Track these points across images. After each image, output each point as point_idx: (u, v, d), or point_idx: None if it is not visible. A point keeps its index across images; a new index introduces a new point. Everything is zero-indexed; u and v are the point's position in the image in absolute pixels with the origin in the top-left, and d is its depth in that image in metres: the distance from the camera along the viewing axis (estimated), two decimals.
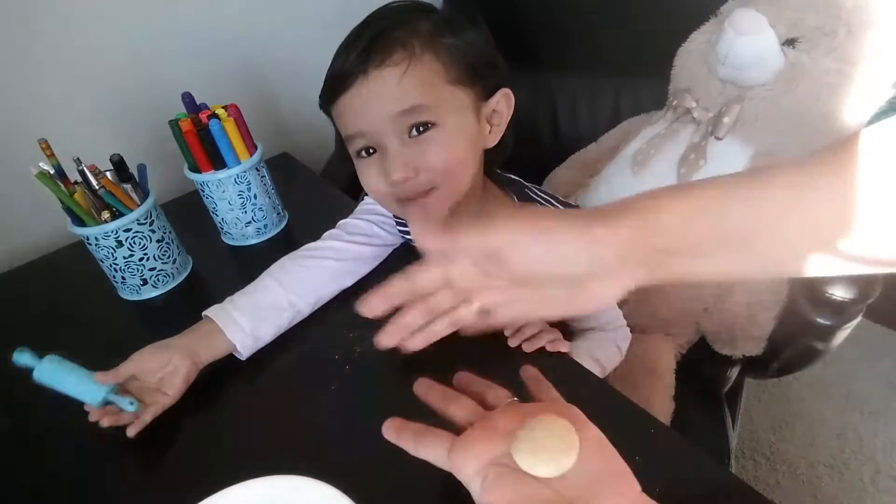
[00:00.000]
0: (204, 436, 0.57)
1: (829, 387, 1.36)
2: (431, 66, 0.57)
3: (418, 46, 0.56)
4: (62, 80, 0.86)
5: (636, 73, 1.11)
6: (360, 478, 0.42)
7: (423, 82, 0.56)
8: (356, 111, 0.58)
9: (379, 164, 0.59)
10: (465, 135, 0.59)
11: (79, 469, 0.56)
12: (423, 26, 0.58)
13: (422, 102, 0.56)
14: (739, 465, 1.22)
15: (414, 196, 0.59)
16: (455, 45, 0.58)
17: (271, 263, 0.80)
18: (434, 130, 0.57)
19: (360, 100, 0.57)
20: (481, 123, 0.61)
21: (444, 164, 0.58)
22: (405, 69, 0.55)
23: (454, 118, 0.58)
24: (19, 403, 0.64)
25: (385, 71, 0.55)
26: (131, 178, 0.72)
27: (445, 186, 0.60)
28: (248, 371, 0.64)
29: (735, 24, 0.81)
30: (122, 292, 0.77)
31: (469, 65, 0.59)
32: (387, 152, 0.58)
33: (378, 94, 0.56)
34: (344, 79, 0.57)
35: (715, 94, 0.90)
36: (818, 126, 0.83)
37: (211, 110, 0.77)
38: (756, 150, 0.89)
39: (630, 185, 0.93)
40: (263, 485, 0.43)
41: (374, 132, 0.57)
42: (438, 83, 0.57)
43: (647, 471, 0.47)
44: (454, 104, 0.58)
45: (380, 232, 0.73)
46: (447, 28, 0.59)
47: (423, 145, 0.57)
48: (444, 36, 0.58)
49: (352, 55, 0.56)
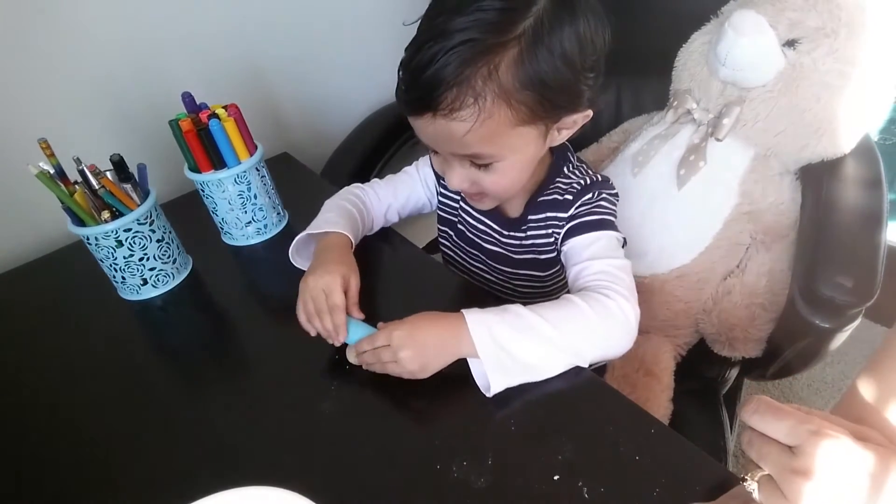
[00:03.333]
0: (186, 440, 0.57)
1: (829, 387, 1.36)
2: (501, 118, 0.54)
3: (491, 97, 0.52)
4: (62, 80, 0.86)
5: (637, 74, 1.11)
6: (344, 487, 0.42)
7: (490, 136, 0.55)
8: (424, 135, 0.58)
9: (441, 163, 0.63)
10: (526, 160, 0.61)
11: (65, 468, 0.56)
12: (508, 58, 0.51)
13: (484, 152, 0.57)
14: (738, 465, 1.22)
15: (466, 193, 0.67)
16: (535, 85, 0.53)
17: (271, 263, 0.81)
18: (494, 164, 0.59)
19: (428, 131, 0.57)
20: (549, 136, 0.60)
21: (499, 189, 0.62)
22: (472, 126, 0.53)
23: (517, 154, 0.59)
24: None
25: (452, 124, 0.54)
26: (131, 177, 0.72)
27: (499, 197, 0.66)
28: (241, 375, 0.64)
29: (735, 25, 0.81)
30: (122, 292, 0.77)
31: (546, 105, 0.55)
32: (449, 165, 0.62)
33: (443, 137, 0.56)
34: (414, 104, 0.55)
35: (715, 95, 0.90)
36: (818, 127, 0.84)
37: (211, 110, 0.77)
38: (756, 152, 0.89)
39: (630, 185, 0.93)
40: (235, 496, 0.42)
41: (439, 151, 0.61)
42: (505, 132, 0.56)
43: (647, 471, 0.47)
44: (518, 143, 0.58)
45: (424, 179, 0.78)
46: (536, 51, 0.52)
47: (482, 172, 0.60)
48: (527, 70, 0.52)
49: (428, 72, 0.51)
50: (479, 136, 0.54)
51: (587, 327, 0.55)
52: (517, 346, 0.54)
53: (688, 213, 0.89)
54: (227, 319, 0.74)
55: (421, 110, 0.54)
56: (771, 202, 0.88)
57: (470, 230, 0.76)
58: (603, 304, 0.56)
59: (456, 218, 0.77)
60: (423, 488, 0.48)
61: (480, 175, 0.60)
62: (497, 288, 0.77)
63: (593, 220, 0.64)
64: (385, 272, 0.74)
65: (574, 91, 0.56)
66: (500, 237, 0.72)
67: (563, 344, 0.55)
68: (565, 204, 0.66)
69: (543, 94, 0.54)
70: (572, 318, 0.55)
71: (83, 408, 0.62)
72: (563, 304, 0.57)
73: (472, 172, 0.61)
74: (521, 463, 0.49)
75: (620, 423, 0.51)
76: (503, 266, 0.74)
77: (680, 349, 0.91)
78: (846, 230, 0.79)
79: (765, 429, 0.35)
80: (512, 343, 0.53)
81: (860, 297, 0.71)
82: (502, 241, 0.72)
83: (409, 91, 0.55)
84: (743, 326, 0.84)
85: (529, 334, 0.54)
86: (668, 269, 0.90)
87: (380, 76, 1.21)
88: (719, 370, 0.90)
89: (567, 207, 0.65)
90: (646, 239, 0.90)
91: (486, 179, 0.61)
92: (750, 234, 0.89)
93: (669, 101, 0.99)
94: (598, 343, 0.57)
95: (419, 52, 0.52)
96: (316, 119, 1.19)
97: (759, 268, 0.86)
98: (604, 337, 0.57)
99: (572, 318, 0.55)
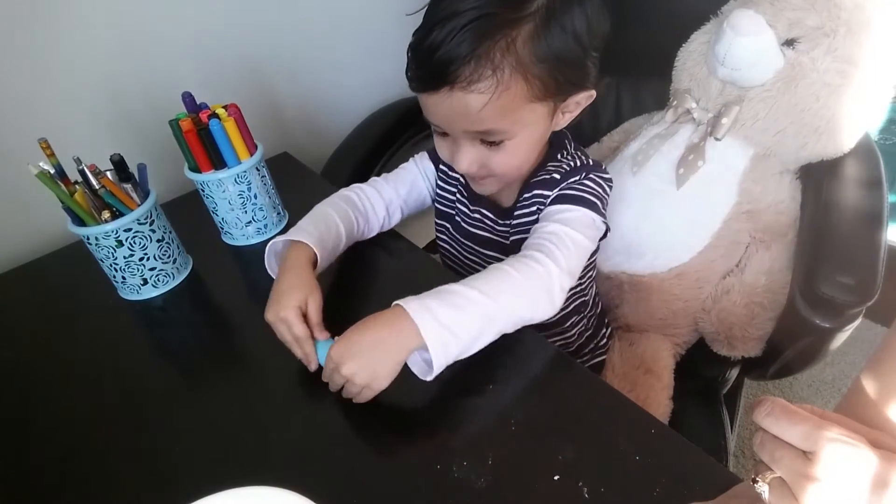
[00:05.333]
0: (186, 440, 0.57)
1: (828, 387, 1.36)
2: (517, 90, 0.55)
3: (509, 70, 0.53)
4: (62, 80, 0.86)
5: (637, 74, 1.11)
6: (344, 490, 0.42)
7: (505, 110, 0.56)
8: (436, 114, 0.59)
9: (450, 145, 0.64)
10: (534, 139, 0.63)
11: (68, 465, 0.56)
12: (525, 32, 0.53)
13: (498, 128, 0.58)
14: (739, 464, 1.22)
15: (473, 176, 0.67)
16: (550, 60, 0.55)
17: None
18: (504, 142, 0.60)
19: (442, 108, 0.57)
20: (555, 117, 0.62)
21: (507, 168, 0.64)
22: (489, 98, 0.54)
23: (527, 130, 0.61)
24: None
25: (470, 97, 0.54)
26: (131, 177, 0.72)
27: (503, 178, 0.66)
28: (241, 375, 0.64)
29: (733, 24, 0.81)
30: (122, 292, 0.77)
31: (559, 79, 0.57)
32: (458, 146, 0.62)
33: (458, 112, 0.57)
34: (429, 80, 0.56)
35: (715, 94, 0.90)
36: (818, 126, 0.84)
37: (211, 110, 0.77)
38: (755, 151, 0.89)
39: (630, 185, 0.93)
40: (232, 496, 0.42)
41: (450, 131, 0.61)
42: (520, 106, 0.57)
43: (647, 470, 0.47)
44: (530, 118, 0.59)
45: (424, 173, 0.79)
46: (550, 27, 0.54)
47: (491, 151, 0.61)
48: (542, 45, 0.54)
49: (443, 49, 0.52)
50: (495, 109, 0.55)
51: (515, 291, 0.56)
52: (459, 325, 0.52)
53: (687, 213, 0.89)
54: (227, 319, 0.74)
55: (437, 85, 0.55)
56: (770, 201, 0.88)
57: (466, 221, 0.77)
58: (530, 266, 0.57)
59: (453, 210, 0.78)
60: (423, 488, 0.48)
61: (490, 155, 0.62)
62: None
63: (573, 195, 0.65)
64: (385, 272, 0.74)
65: (583, 68, 0.59)
66: (495, 226, 0.74)
67: (500, 313, 0.55)
68: (552, 182, 0.67)
69: (557, 69, 0.56)
70: (504, 286, 0.56)
71: (83, 408, 0.62)
72: (494, 273, 0.57)
73: (482, 153, 0.62)
74: (521, 463, 0.49)
75: (620, 422, 0.51)
76: (495, 253, 0.75)
77: (679, 348, 0.91)
78: (846, 230, 0.79)
79: (779, 432, 0.35)
80: (455, 323, 0.52)
81: (860, 297, 0.71)
82: (496, 229, 0.74)
83: (423, 68, 0.56)
84: (742, 325, 0.84)
85: (470, 310, 0.53)
86: (667, 267, 0.90)
87: (380, 76, 1.21)
88: (719, 370, 0.90)
89: (554, 186, 0.67)
90: (645, 238, 0.90)
91: (494, 159, 0.62)
92: (749, 234, 0.89)
93: (669, 100, 0.99)
94: (523, 305, 0.57)
95: (432, 32, 0.53)
96: (316, 119, 1.19)
97: (759, 267, 0.86)
98: (528, 300, 0.57)
99: (504, 286, 0.56)
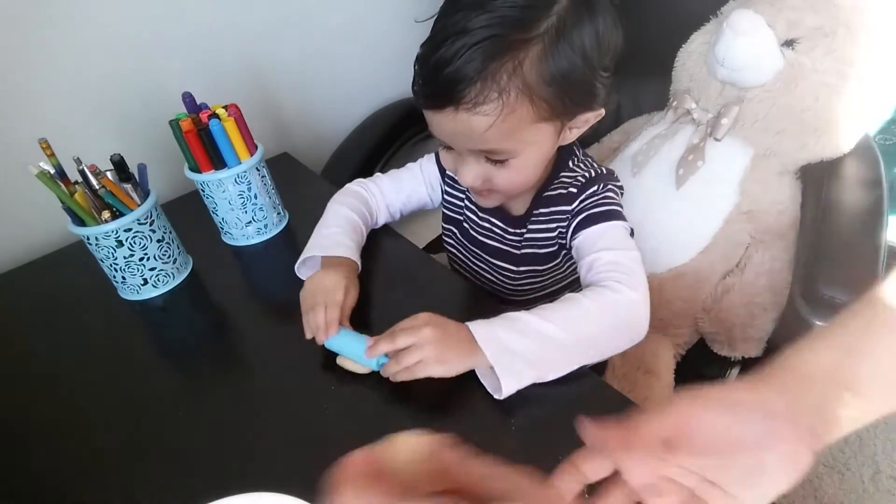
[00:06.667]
0: (186, 440, 0.57)
1: None
2: (523, 113, 0.54)
3: (515, 92, 0.53)
4: (62, 79, 0.86)
5: (637, 74, 1.11)
6: None
7: (510, 131, 0.55)
8: (441, 131, 0.59)
9: (455, 158, 0.63)
10: (540, 156, 0.62)
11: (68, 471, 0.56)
12: (532, 55, 0.52)
13: (502, 148, 0.57)
14: None
15: (477, 191, 0.66)
16: (557, 81, 0.54)
17: (271, 263, 0.80)
18: (509, 161, 0.59)
19: (446, 127, 0.57)
20: (562, 134, 0.61)
21: (511, 186, 0.63)
22: (494, 120, 0.54)
23: (532, 149, 0.59)
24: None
25: (475, 118, 0.54)
26: (131, 177, 0.72)
27: (508, 194, 0.66)
28: (241, 375, 0.64)
29: (733, 24, 0.81)
30: (122, 292, 0.77)
31: (565, 101, 0.56)
32: (462, 161, 0.61)
33: (463, 132, 0.56)
34: (434, 98, 0.55)
35: (714, 95, 0.90)
36: (817, 127, 0.84)
37: (211, 110, 0.77)
38: (755, 152, 0.89)
39: (630, 185, 0.93)
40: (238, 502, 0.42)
41: (454, 147, 0.61)
42: (525, 127, 0.56)
43: None
44: (535, 138, 0.58)
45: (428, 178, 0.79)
46: (559, 47, 0.53)
47: (496, 168, 0.60)
48: (550, 67, 0.53)
49: (450, 68, 0.52)
50: (500, 131, 0.55)
51: (591, 323, 0.55)
52: (527, 351, 0.53)
53: (687, 213, 0.89)
54: (227, 319, 0.74)
55: (442, 105, 0.55)
56: (770, 202, 0.88)
57: (474, 228, 0.76)
58: (608, 297, 0.56)
59: (461, 216, 0.77)
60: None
61: (494, 171, 0.61)
62: (498, 287, 0.77)
63: (602, 212, 0.64)
64: (385, 273, 0.74)
65: (591, 89, 0.58)
66: (505, 234, 0.73)
67: (571, 343, 0.54)
68: (570, 197, 0.66)
69: (564, 91, 0.55)
70: (577, 316, 0.55)
71: (83, 408, 0.62)
72: (566, 304, 0.57)
73: (486, 169, 0.61)
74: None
75: None
76: (505, 263, 0.74)
77: (679, 348, 0.91)
78: (846, 230, 0.79)
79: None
80: (522, 349, 0.53)
81: (860, 297, 0.71)
82: (506, 238, 0.73)
83: (430, 86, 0.55)
84: (742, 326, 0.84)
85: (537, 338, 0.54)
86: (668, 268, 0.90)
87: (380, 76, 1.21)
88: (719, 370, 0.90)
89: (572, 200, 0.66)
90: (645, 238, 0.90)
91: (498, 176, 0.61)
92: (749, 234, 0.89)
93: (669, 101, 0.99)
94: (604, 338, 0.57)
95: (440, 48, 0.53)
96: (316, 119, 1.19)
97: (759, 267, 0.86)
98: (611, 330, 0.56)
99: (577, 316, 0.55)
